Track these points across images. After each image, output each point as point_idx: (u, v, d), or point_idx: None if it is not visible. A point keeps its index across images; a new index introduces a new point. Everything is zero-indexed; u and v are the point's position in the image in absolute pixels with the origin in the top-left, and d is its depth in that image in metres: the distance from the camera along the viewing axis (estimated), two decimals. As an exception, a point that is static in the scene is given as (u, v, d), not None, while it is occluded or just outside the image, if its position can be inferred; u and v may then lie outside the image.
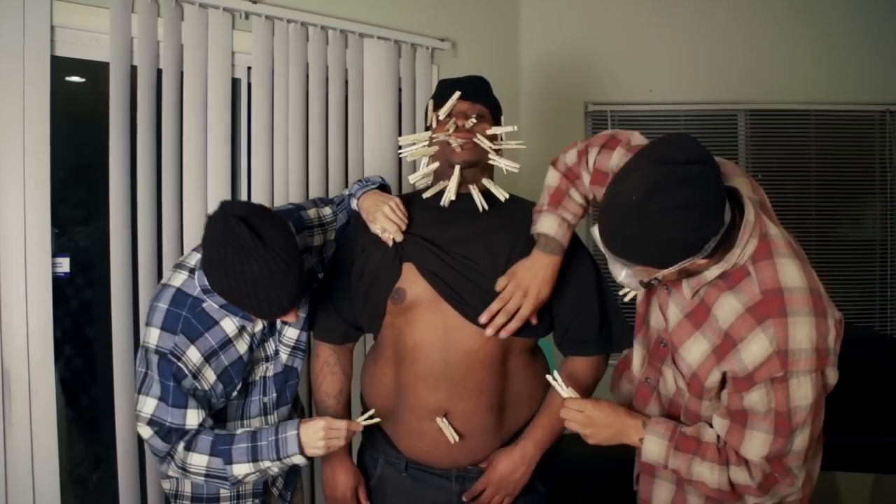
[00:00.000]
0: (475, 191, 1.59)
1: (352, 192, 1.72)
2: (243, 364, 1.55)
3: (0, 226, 1.86)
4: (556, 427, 1.58)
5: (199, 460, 1.45)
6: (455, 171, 1.56)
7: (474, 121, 1.58)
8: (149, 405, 1.44)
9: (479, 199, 1.59)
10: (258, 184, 2.31)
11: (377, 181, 1.73)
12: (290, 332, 1.63)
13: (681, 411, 1.41)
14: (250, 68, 2.31)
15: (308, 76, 2.42)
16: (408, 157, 1.66)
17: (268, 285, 1.34)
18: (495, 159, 1.61)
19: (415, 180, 1.68)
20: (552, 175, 1.58)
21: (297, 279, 1.38)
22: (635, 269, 1.23)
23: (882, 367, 2.32)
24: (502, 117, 1.68)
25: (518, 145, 1.64)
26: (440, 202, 1.59)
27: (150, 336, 1.45)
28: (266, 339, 1.60)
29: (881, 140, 3.33)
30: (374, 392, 1.65)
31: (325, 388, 1.67)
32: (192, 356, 1.45)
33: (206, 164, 2.18)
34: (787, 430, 1.23)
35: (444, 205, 1.59)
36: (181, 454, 1.46)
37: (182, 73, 2.14)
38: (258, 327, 1.57)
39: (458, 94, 1.59)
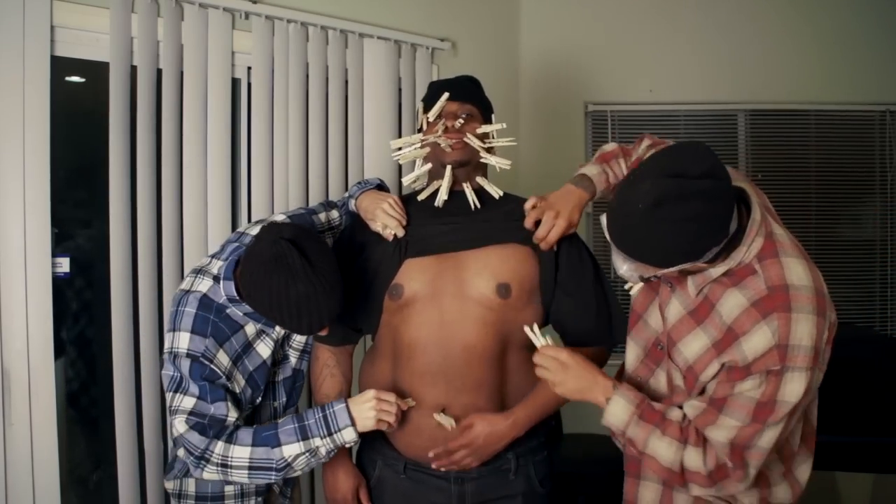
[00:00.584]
0: (468, 189, 1.62)
1: (351, 194, 1.72)
2: (267, 368, 1.55)
3: (0, 226, 1.86)
4: (539, 409, 1.56)
5: (242, 452, 1.43)
6: (447, 171, 1.59)
7: (462, 121, 1.60)
8: (187, 402, 1.42)
9: (471, 197, 1.62)
10: (258, 184, 2.31)
11: (375, 182, 1.73)
12: (300, 336, 1.63)
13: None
14: (250, 68, 2.31)
15: (308, 76, 2.42)
16: (400, 159, 1.68)
17: (311, 306, 1.35)
18: (487, 157, 1.62)
19: (408, 182, 1.71)
20: (609, 145, 1.64)
21: (339, 298, 1.40)
22: (637, 264, 1.25)
23: (882, 367, 2.32)
24: (493, 115, 1.70)
25: (509, 142, 1.65)
26: (435, 202, 1.61)
27: (181, 340, 1.43)
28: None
29: (881, 140, 3.33)
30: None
31: (325, 391, 1.67)
32: (223, 359, 1.45)
33: (205, 164, 2.18)
34: (763, 419, 1.22)
35: (438, 205, 1.61)
36: (221, 449, 1.42)
37: (182, 73, 2.14)
38: (280, 333, 1.57)
39: (446, 96, 1.61)
